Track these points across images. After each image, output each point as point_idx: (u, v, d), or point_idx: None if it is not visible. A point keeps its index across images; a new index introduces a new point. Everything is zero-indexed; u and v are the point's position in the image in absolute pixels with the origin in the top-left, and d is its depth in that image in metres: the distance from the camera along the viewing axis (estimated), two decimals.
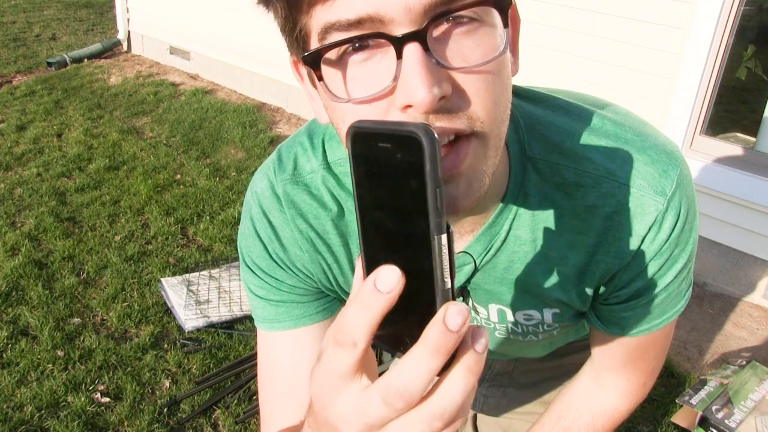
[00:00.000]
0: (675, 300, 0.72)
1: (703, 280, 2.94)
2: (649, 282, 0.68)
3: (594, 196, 0.63)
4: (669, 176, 0.63)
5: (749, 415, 2.09)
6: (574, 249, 0.66)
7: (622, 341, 0.76)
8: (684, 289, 0.72)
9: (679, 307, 0.73)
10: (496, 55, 0.50)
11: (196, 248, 3.01)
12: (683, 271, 0.69)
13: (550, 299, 0.70)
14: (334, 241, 0.71)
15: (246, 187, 3.79)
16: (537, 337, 0.79)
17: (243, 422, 2.06)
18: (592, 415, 0.85)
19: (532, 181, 0.64)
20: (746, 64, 3.59)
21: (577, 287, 0.69)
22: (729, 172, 2.73)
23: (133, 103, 4.83)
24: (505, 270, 0.69)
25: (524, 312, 0.73)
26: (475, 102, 0.50)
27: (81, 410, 2.07)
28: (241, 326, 2.50)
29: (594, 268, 0.67)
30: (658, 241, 0.65)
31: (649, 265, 0.66)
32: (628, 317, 0.72)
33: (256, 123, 4.49)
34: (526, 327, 0.77)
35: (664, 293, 0.69)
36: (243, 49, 4.90)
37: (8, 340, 2.37)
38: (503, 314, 0.75)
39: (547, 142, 0.64)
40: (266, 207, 0.72)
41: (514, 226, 0.66)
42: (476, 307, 0.76)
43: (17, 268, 2.77)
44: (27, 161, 3.83)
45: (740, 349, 2.61)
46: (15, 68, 5.47)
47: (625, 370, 0.81)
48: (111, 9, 7.28)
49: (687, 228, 0.66)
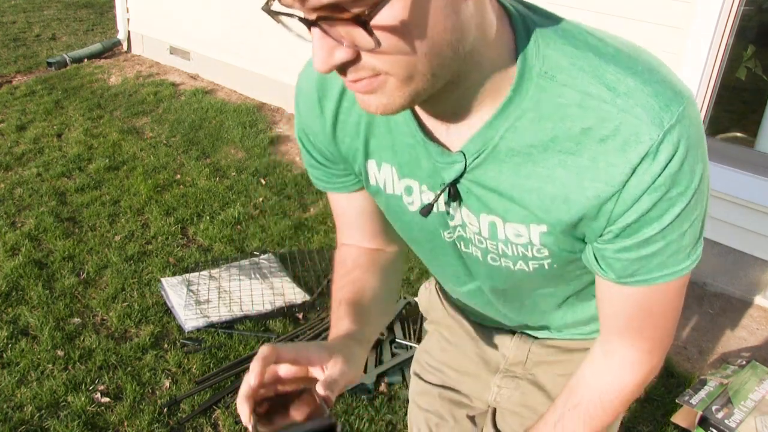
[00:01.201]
0: (676, 256, 0.71)
1: (703, 280, 2.94)
2: (644, 219, 0.67)
3: (592, 119, 0.64)
4: (670, 110, 0.63)
5: (749, 415, 2.09)
6: (566, 168, 0.67)
7: (623, 295, 0.75)
8: (686, 246, 0.71)
9: (682, 267, 0.72)
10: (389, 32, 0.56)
11: (196, 248, 3.01)
12: (683, 220, 0.68)
13: (536, 215, 0.71)
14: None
15: (246, 188, 3.81)
16: (527, 266, 0.78)
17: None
18: (600, 391, 0.84)
19: (533, 96, 0.66)
20: (746, 64, 3.60)
21: (565, 205, 0.69)
22: (729, 172, 2.73)
23: (133, 103, 4.83)
24: (495, 176, 0.71)
25: (513, 225, 0.74)
26: (378, 61, 0.59)
27: (81, 410, 2.07)
28: (241, 326, 2.50)
29: (582, 194, 0.67)
30: (650, 173, 0.64)
31: (643, 198, 0.66)
32: (623, 259, 0.71)
33: (256, 123, 4.49)
34: (516, 248, 0.76)
35: (660, 240, 0.68)
36: (243, 49, 4.90)
37: (8, 340, 2.37)
38: (494, 228, 0.76)
39: (555, 61, 0.65)
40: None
41: (507, 136, 0.68)
42: (469, 217, 0.77)
43: (17, 268, 2.78)
44: (27, 161, 3.83)
45: (740, 349, 2.61)
46: (15, 68, 5.47)
47: (629, 333, 0.80)
48: (111, 9, 7.28)
49: (687, 169, 0.65)
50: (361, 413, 2.12)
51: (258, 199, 3.50)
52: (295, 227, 3.21)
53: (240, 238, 3.11)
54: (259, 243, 3.08)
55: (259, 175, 3.76)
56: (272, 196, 3.52)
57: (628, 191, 0.66)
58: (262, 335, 2.45)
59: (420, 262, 0.97)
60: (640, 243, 0.69)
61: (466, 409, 1.13)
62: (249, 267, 2.84)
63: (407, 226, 0.87)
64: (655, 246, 0.69)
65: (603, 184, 0.66)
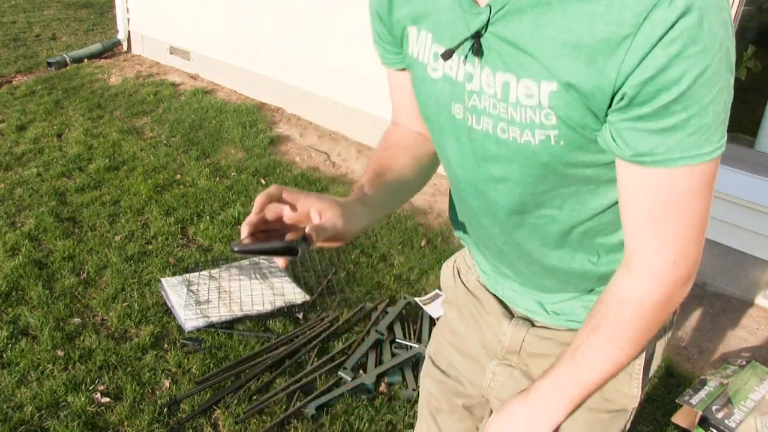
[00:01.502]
0: (697, 135, 0.68)
1: (702, 280, 2.94)
2: (660, 79, 0.65)
3: None
4: None
5: (749, 415, 2.09)
6: (581, 16, 0.68)
7: (641, 182, 0.73)
8: (709, 125, 0.68)
9: (704, 152, 0.69)
10: None
11: (196, 248, 3.01)
12: (704, 89, 0.65)
13: (548, 69, 0.72)
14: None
15: (246, 188, 3.80)
16: (533, 138, 0.77)
17: (243, 422, 2.06)
18: (618, 303, 0.81)
19: None
20: (746, 64, 3.60)
21: (575, 51, 0.69)
22: (728, 172, 2.73)
23: (133, 103, 4.83)
24: (516, 28, 0.73)
25: (525, 83, 0.74)
26: None
27: (81, 410, 2.08)
28: (241, 326, 2.50)
29: (592, 37, 0.67)
30: (665, 21, 0.63)
31: (657, 51, 0.64)
32: (639, 130, 0.69)
33: (256, 123, 4.49)
34: (525, 113, 0.76)
35: (680, 110, 0.66)
36: (243, 49, 4.90)
37: (8, 340, 2.37)
38: (507, 89, 0.77)
39: None
40: None
41: None
42: (487, 78, 0.78)
43: (17, 268, 2.78)
44: (27, 161, 3.83)
45: (740, 349, 2.61)
46: (15, 68, 5.48)
47: (650, 236, 0.76)
48: (111, 9, 7.28)
49: (706, 28, 0.63)
50: (361, 413, 2.12)
51: None
52: None
53: (240, 238, 3.11)
54: None
55: (259, 175, 3.76)
56: None
57: (641, 38, 0.64)
58: (262, 335, 2.45)
59: (420, 261, 0.98)
60: (657, 111, 0.67)
61: (462, 399, 1.15)
62: (249, 267, 2.84)
63: (425, 99, 0.90)
64: (674, 118, 0.67)
65: (615, 27, 0.65)
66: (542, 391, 0.90)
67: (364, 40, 4.60)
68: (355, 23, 4.06)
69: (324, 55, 4.32)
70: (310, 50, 4.40)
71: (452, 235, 3.28)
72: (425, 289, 2.79)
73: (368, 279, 2.84)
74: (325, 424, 2.09)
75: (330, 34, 4.25)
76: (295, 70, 4.56)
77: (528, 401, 0.92)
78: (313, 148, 4.23)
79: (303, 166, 3.97)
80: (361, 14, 4.12)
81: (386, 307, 2.63)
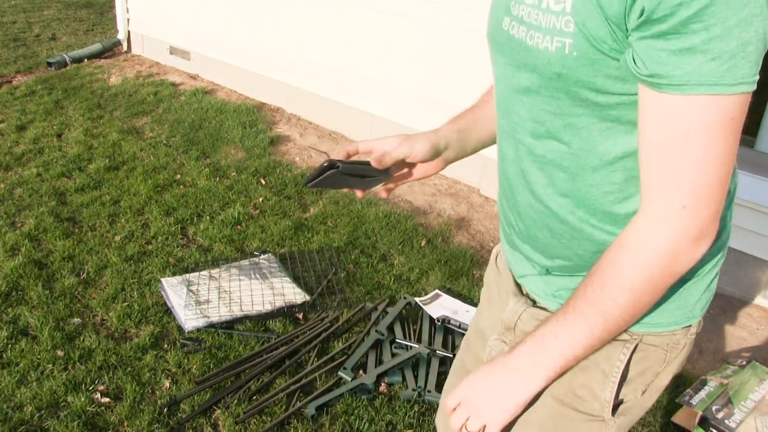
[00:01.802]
0: (718, 62, 0.64)
1: None
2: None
3: None
4: None
5: (749, 415, 2.09)
6: None
7: (656, 108, 0.70)
8: (731, 53, 0.64)
9: (724, 82, 0.65)
10: None
11: (196, 248, 3.01)
12: (728, 9, 0.62)
13: None
14: None
15: (246, 188, 3.80)
16: (551, 44, 0.77)
17: (243, 422, 2.06)
18: (619, 245, 0.77)
19: None
20: None
21: None
22: None
23: (133, 103, 4.83)
24: None
25: None
26: None
27: (81, 410, 2.07)
28: (241, 326, 2.50)
29: None
30: None
31: None
32: (657, 48, 0.67)
33: (256, 123, 4.49)
34: (549, 18, 0.77)
35: (701, 29, 0.63)
36: (243, 49, 4.90)
37: (8, 340, 2.37)
38: None
39: None
40: None
41: None
42: None
43: (17, 268, 2.78)
44: (27, 161, 3.83)
45: (740, 349, 2.61)
46: (15, 68, 5.48)
47: (660, 168, 0.73)
48: (111, 9, 7.28)
49: None
50: (361, 413, 2.12)
51: (258, 199, 3.50)
52: (295, 227, 3.21)
53: (240, 238, 3.11)
54: (259, 243, 3.08)
55: (259, 175, 3.76)
56: (272, 197, 3.52)
57: None
58: (262, 335, 2.45)
59: (420, 261, 0.98)
60: (675, 27, 0.64)
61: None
62: (249, 267, 2.84)
63: (491, 21, 0.95)
64: (694, 37, 0.64)
65: None
66: (526, 344, 0.86)
67: (364, 40, 4.60)
68: (355, 23, 4.06)
69: (324, 55, 4.32)
70: (310, 50, 4.40)
71: (452, 235, 3.28)
72: (425, 289, 2.79)
73: (368, 279, 2.84)
74: (325, 425, 2.09)
75: (330, 34, 4.25)
76: (295, 70, 4.56)
77: (511, 355, 0.87)
78: (313, 148, 4.23)
79: (303, 166, 3.97)
80: (362, 14, 4.12)
81: (386, 307, 2.63)
